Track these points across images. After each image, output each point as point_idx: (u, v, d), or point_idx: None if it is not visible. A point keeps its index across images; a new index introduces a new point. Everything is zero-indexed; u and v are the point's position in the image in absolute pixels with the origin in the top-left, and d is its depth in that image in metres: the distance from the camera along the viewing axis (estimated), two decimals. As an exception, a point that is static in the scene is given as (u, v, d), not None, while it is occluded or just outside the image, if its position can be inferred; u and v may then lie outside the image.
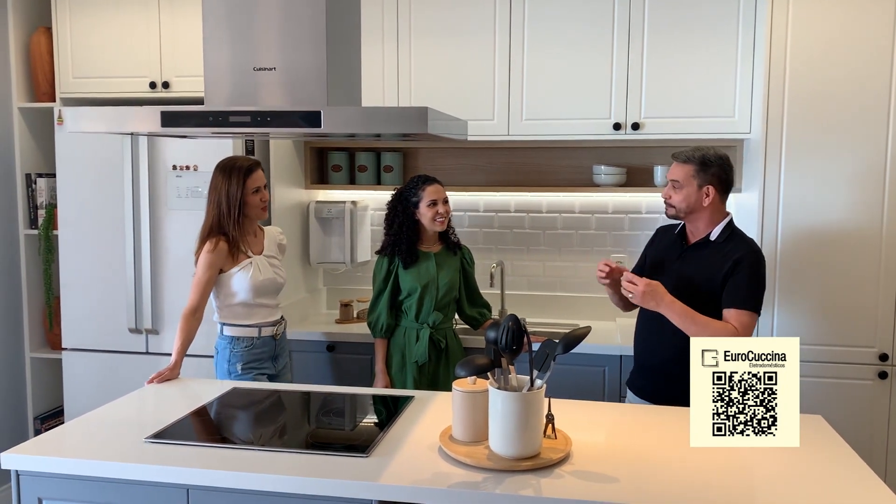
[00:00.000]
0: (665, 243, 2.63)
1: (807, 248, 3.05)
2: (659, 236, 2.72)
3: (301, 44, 2.06)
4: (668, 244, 2.60)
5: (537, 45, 3.34)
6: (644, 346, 2.59)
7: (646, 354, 2.58)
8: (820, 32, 2.96)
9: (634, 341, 2.65)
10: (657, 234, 2.74)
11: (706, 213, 2.46)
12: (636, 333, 2.65)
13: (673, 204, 2.49)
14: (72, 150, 3.46)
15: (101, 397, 2.73)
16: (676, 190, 2.47)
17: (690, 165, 2.44)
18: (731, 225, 2.49)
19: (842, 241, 3.02)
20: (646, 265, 2.68)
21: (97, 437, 2.10)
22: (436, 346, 3.10)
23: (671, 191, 2.49)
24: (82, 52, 3.63)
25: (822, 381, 3.03)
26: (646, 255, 2.73)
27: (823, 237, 3.04)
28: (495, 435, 1.86)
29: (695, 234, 2.52)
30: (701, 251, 2.47)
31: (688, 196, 2.44)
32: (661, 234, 2.71)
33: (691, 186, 2.44)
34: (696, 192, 2.43)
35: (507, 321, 1.81)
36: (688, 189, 2.44)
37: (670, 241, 2.60)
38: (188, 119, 2.02)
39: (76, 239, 3.49)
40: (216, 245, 2.74)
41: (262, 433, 2.19)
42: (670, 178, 2.49)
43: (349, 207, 3.69)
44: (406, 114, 1.86)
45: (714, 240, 2.46)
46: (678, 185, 2.46)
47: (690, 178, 2.44)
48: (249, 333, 2.83)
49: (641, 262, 2.76)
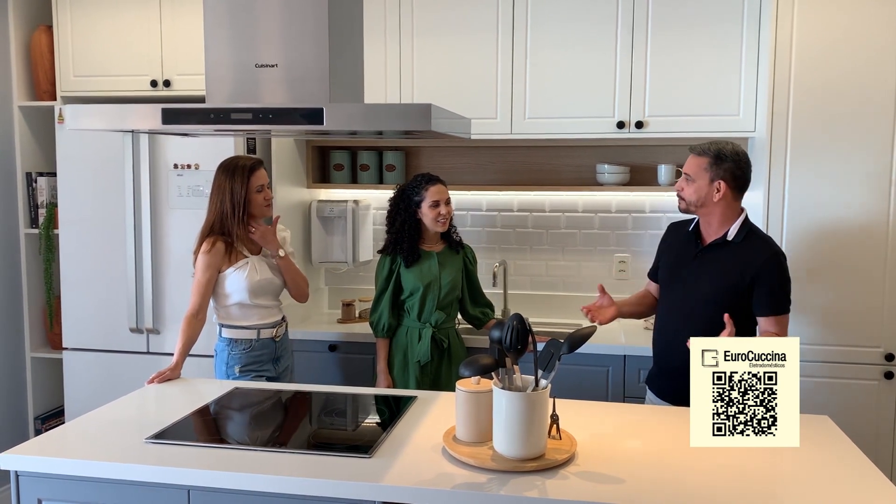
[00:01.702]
0: (678, 243, 2.56)
1: (812, 248, 3.02)
2: (671, 234, 2.66)
3: (303, 41, 2.05)
4: (683, 244, 2.53)
5: (540, 43, 3.32)
6: (665, 348, 2.53)
7: (667, 356, 2.52)
8: (825, 29, 2.93)
9: (654, 342, 2.60)
10: (669, 231, 2.68)
11: (718, 209, 2.39)
12: (656, 333, 2.59)
13: (684, 197, 2.43)
14: (72, 149, 3.45)
15: (101, 397, 2.72)
16: (689, 182, 2.41)
17: (705, 158, 2.38)
18: (748, 223, 2.42)
19: (848, 240, 3.00)
20: (661, 266, 2.63)
21: (97, 437, 2.08)
22: (438, 346, 3.08)
23: (683, 183, 2.43)
24: (83, 50, 3.62)
25: (829, 381, 3.01)
26: (659, 255, 2.68)
27: (829, 236, 3.01)
28: (499, 435, 1.84)
29: (709, 233, 2.45)
30: (718, 252, 2.40)
31: (699, 189, 2.38)
32: (673, 232, 2.64)
33: (703, 180, 2.38)
34: (707, 186, 2.37)
35: (511, 320, 1.79)
36: (699, 182, 2.38)
37: (684, 241, 2.53)
38: (190, 116, 2.00)
39: (77, 238, 3.48)
40: (212, 245, 2.72)
41: (264, 434, 2.17)
42: (684, 170, 2.44)
43: (351, 206, 3.67)
44: (409, 111, 1.84)
45: (731, 240, 2.39)
46: (690, 178, 2.41)
47: (703, 171, 2.38)
48: (247, 335, 2.81)
49: (656, 262, 2.71)
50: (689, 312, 2.39)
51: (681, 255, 2.51)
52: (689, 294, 2.38)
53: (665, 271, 2.57)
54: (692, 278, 2.41)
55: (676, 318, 2.41)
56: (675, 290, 2.49)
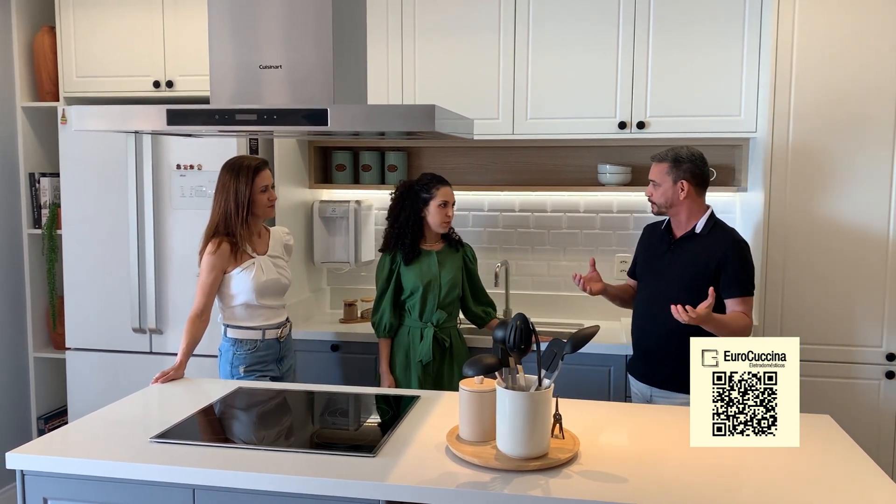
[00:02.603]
0: (654, 239, 2.79)
1: (814, 248, 3.03)
2: (647, 234, 2.88)
3: (307, 42, 2.05)
4: (657, 240, 2.76)
5: (542, 44, 3.32)
6: (641, 332, 2.74)
7: (643, 339, 2.74)
8: (827, 29, 2.94)
9: (632, 329, 2.80)
10: (645, 232, 2.90)
11: (685, 206, 2.63)
12: (634, 320, 2.79)
13: (654, 201, 2.68)
14: (75, 150, 3.45)
15: (104, 397, 2.73)
16: (655, 188, 2.66)
17: (665, 164, 2.64)
18: (714, 217, 2.66)
19: (849, 240, 3.00)
20: (638, 262, 2.85)
21: (102, 436, 2.09)
22: (440, 345, 3.09)
23: (651, 189, 2.68)
24: (86, 51, 3.62)
25: (830, 381, 3.02)
26: (637, 254, 2.89)
27: (830, 237, 3.02)
28: (503, 435, 1.85)
29: (679, 228, 2.68)
30: (688, 244, 2.63)
31: (665, 192, 2.63)
32: (649, 232, 2.87)
33: (667, 183, 2.63)
34: (672, 188, 2.62)
35: (515, 320, 1.80)
36: (664, 186, 2.63)
37: (658, 237, 2.76)
38: (194, 117, 2.01)
39: (80, 238, 3.49)
40: (218, 246, 2.73)
41: (269, 433, 2.18)
42: (650, 177, 2.68)
43: (353, 207, 3.68)
44: (413, 112, 1.85)
45: (699, 232, 2.62)
46: (656, 183, 2.65)
47: (665, 175, 2.63)
48: (253, 336, 2.82)
49: (634, 260, 2.91)
50: (663, 297, 2.54)
51: (655, 249, 2.75)
52: (664, 281, 2.62)
53: (642, 265, 2.82)
54: (665, 268, 2.65)
55: (652, 304, 2.64)
56: (651, 279, 2.72)
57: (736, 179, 3.50)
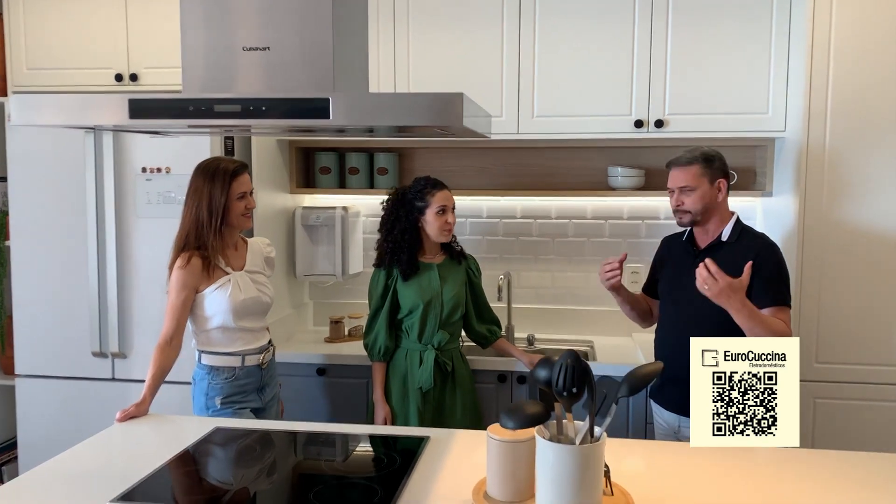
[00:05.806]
0: (676, 252, 2.60)
1: (851, 256, 2.79)
2: (665, 247, 2.69)
3: (300, 18, 1.72)
4: (680, 252, 2.57)
5: (550, 35, 3.03)
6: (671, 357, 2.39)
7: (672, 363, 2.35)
8: (866, 24, 2.70)
9: (656, 351, 2.59)
10: (663, 245, 2.71)
11: (718, 211, 2.46)
12: (660, 345, 2.58)
13: (688, 209, 2.46)
14: (25, 150, 3.11)
15: (60, 429, 2.46)
16: (688, 193, 2.44)
17: (695, 166, 2.44)
18: (740, 224, 2.49)
19: (889, 248, 2.76)
20: (660, 279, 2.64)
21: (54, 495, 1.73)
22: (441, 371, 2.77)
23: (682, 196, 2.46)
24: (38, 40, 3.32)
25: (882, 405, 2.78)
26: (656, 267, 2.69)
27: (869, 243, 2.78)
28: (545, 495, 1.53)
29: (704, 237, 2.51)
30: (715, 254, 2.38)
31: (703, 196, 2.43)
32: (667, 245, 2.69)
33: (704, 185, 2.43)
34: (710, 190, 2.43)
35: (564, 358, 1.47)
36: (702, 189, 2.43)
37: (681, 251, 2.57)
38: (163, 109, 1.66)
39: (31, 250, 3.15)
40: (188, 260, 2.40)
41: (257, 493, 1.82)
42: (678, 185, 2.46)
43: (339, 214, 3.39)
44: (436, 102, 1.51)
45: (726, 240, 2.45)
46: (688, 189, 2.44)
47: (699, 177, 2.43)
48: (231, 363, 2.47)
49: (651, 277, 2.72)
50: (696, 314, 2.38)
51: (679, 264, 2.54)
52: (695, 297, 2.32)
53: (665, 282, 2.61)
54: (694, 282, 2.34)
55: (683, 324, 2.42)
56: (679, 295, 2.50)
57: (759, 183, 3.24)
